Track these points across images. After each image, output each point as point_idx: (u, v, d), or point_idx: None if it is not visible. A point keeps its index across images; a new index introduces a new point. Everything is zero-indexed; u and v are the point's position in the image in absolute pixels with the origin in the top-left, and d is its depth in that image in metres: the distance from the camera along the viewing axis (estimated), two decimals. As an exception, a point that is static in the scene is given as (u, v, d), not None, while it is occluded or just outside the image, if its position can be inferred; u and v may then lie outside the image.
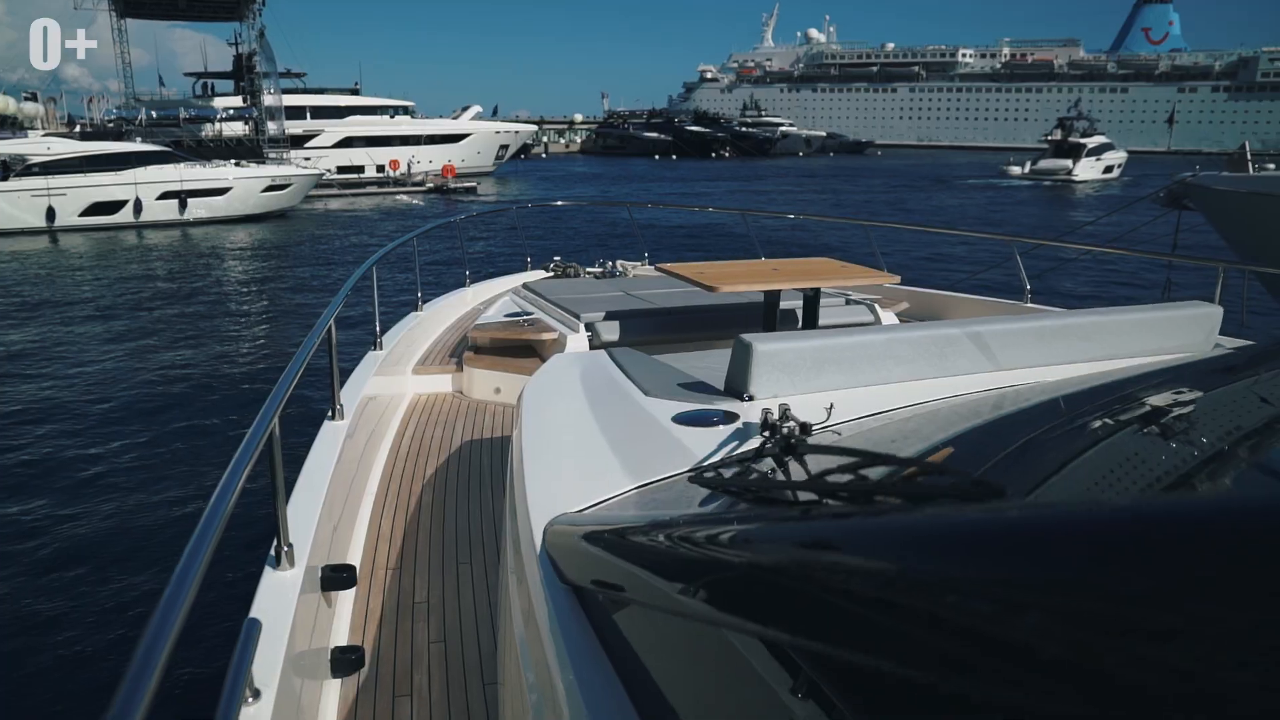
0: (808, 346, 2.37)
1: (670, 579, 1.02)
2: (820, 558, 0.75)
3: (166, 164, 31.63)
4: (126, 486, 8.22)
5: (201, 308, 17.27)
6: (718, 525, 1.03)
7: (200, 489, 7.87)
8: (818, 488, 1.10)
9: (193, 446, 9.37)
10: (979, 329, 2.53)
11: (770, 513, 1.19)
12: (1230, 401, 1.96)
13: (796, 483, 1.22)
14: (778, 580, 0.79)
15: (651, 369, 2.80)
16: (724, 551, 0.91)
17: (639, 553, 1.11)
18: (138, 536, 7.06)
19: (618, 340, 4.82)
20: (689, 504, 1.51)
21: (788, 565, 0.79)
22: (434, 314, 6.17)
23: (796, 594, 0.75)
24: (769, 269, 4.78)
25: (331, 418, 3.40)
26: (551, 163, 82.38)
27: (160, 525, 7.26)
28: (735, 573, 0.88)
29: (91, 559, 6.64)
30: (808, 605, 0.72)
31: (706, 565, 0.94)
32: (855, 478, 1.11)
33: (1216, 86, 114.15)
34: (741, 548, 0.90)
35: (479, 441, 4.25)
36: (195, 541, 1.51)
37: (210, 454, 9.03)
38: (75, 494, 8.03)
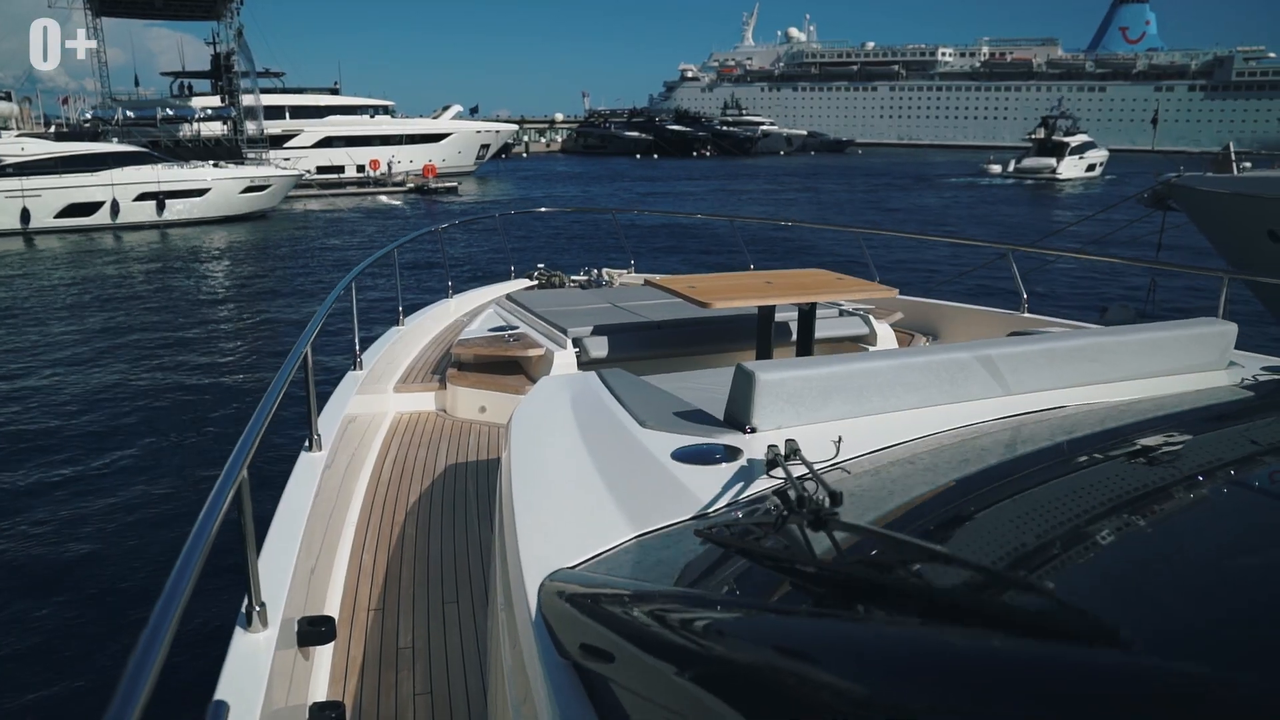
0: (813, 375, 2.26)
1: (681, 666, 0.93)
2: (872, 675, 0.71)
3: (144, 165, 31.22)
4: (93, 511, 7.76)
5: (180, 312, 17.01)
6: (737, 609, 0.92)
7: (168, 513, 7.57)
8: (858, 582, 0.99)
9: (169, 463, 9.08)
10: (989, 352, 2.44)
11: (796, 600, 1.09)
12: (1256, 440, 1.89)
13: (830, 569, 1.11)
14: (812, 688, 0.75)
15: (646, 395, 2.69)
16: (743, 644, 0.82)
17: (646, 634, 1.02)
18: (103, 572, 6.62)
19: (606, 357, 4.68)
20: (697, 563, 1.42)
21: (828, 676, 0.74)
22: (416, 327, 5.96)
23: (835, 703, 0.70)
24: (762, 282, 4.65)
25: (309, 448, 3.21)
26: (533, 162, 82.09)
27: (126, 558, 6.81)
28: (756, 669, 0.82)
29: (43, 602, 6.13)
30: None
31: (726, 662, 0.84)
32: (900, 576, 0.98)
33: (1193, 86, 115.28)
34: (766, 641, 0.82)
35: (463, 465, 4.08)
36: (160, 608, 1.39)
37: (187, 470, 8.75)
38: (31, 518, 7.59)
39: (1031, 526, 1.47)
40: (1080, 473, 1.79)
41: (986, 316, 5.54)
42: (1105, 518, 1.49)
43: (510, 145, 69.53)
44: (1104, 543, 1.30)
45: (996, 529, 1.46)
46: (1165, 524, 1.38)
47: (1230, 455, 1.81)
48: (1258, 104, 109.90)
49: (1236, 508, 1.43)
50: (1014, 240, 20.15)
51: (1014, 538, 1.40)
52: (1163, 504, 1.44)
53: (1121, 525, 1.41)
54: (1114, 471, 1.81)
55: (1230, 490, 1.51)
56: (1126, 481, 1.71)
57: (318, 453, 3.16)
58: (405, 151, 51.34)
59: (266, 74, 46.81)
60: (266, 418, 2.34)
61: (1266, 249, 12.07)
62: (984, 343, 2.55)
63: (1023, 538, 1.39)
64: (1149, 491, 1.59)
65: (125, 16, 43.15)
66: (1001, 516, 1.53)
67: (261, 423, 2.30)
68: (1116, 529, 1.38)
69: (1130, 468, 1.74)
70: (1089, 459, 1.97)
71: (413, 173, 49.03)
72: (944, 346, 2.50)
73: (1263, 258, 12.42)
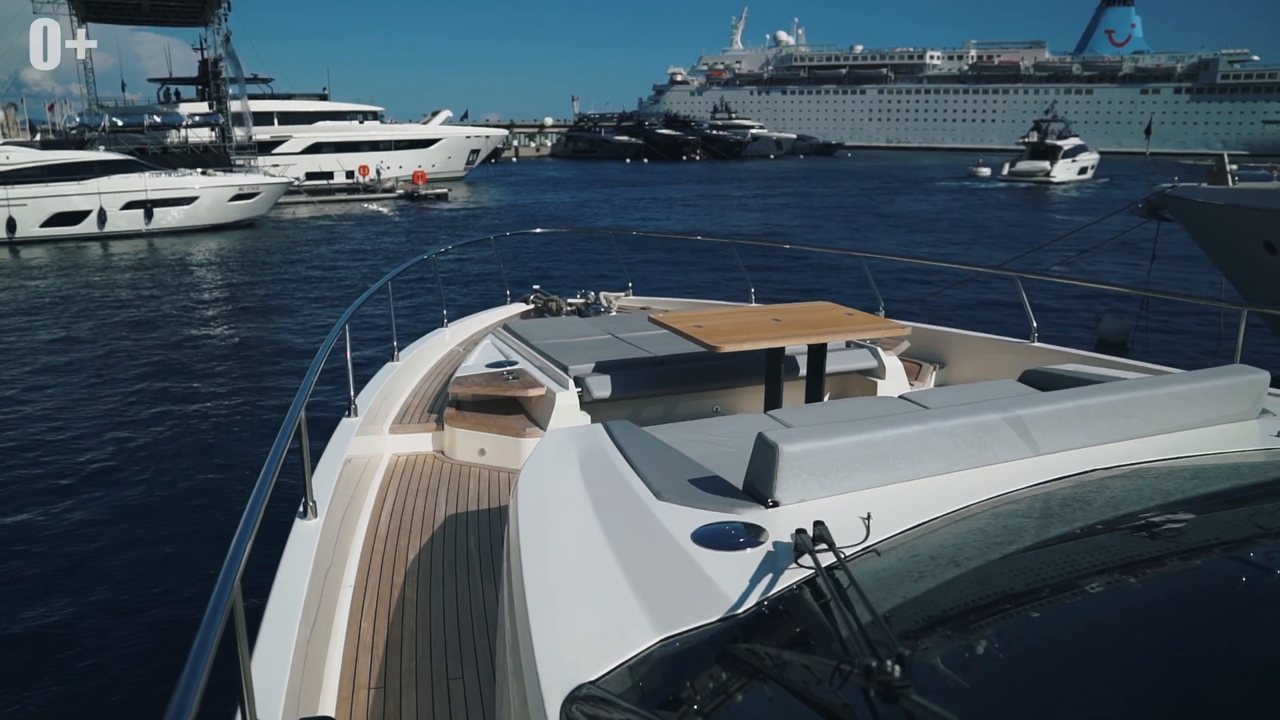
0: (838, 445, 2.18)
1: None
2: None
3: (131, 173, 30.96)
4: (70, 573, 7.29)
5: (169, 327, 16.82)
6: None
7: (152, 563, 7.29)
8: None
9: (153, 501, 8.76)
10: (1019, 413, 2.38)
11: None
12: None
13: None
14: None
15: (659, 458, 2.59)
16: None
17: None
18: (73, 643, 6.22)
19: (609, 396, 4.56)
20: (729, 678, 1.37)
21: None
22: (411, 361, 5.76)
23: None
24: (769, 320, 4.52)
25: (303, 514, 3.04)
26: (522, 166, 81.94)
27: (109, 633, 6.37)
28: None
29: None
30: None
31: None
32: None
33: (1178, 88, 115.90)
34: None
35: (464, 515, 3.91)
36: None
37: (172, 511, 8.49)
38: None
39: (1084, 628, 1.42)
40: (1130, 569, 1.72)
41: (996, 346, 5.44)
42: (1165, 617, 1.44)
43: (500, 150, 69.35)
44: (1173, 655, 1.26)
45: (1048, 631, 1.41)
46: (1230, 618, 1.34)
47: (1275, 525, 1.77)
48: (1242, 106, 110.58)
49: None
50: (1022, 249, 20.11)
51: (1069, 645, 1.35)
52: (1221, 596, 1.42)
53: (1184, 625, 1.36)
54: (1161, 554, 1.76)
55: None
56: (1178, 573, 1.66)
57: (313, 520, 2.99)
58: (395, 157, 51.13)
59: (255, 80, 46.55)
60: (257, 519, 2.20)
61: (1263, 260, 12.08)
62: (1012, 399, 2.49)
63: (1079, 646, 1.34)
64: (1203, 581, 1.55)
65: (111, 22, 42.88)
66: (1052, 617, 1.49)
67: (253, 525, 2.16)
68: (1181, 631, 1.33)
69: (1177, 551, 1.69)
70: (1131, 543, 1.90)
71: (402, 179, 48.83)
72: (972, 407, 2.41)
73: (1259, 269, 12.44)
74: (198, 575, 6.88)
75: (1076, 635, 1.40)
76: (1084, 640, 1.37)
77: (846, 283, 18.04)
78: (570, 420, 4.45)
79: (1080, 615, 1.50)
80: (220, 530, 7.57)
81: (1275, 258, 11.89)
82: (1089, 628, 1.43)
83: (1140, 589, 1.61)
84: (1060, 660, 1.34)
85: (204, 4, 39.95)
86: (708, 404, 5.10)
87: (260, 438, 10.27)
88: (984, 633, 1.46)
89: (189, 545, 7.69)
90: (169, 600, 6.73)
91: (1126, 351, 13.72)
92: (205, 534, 7.79)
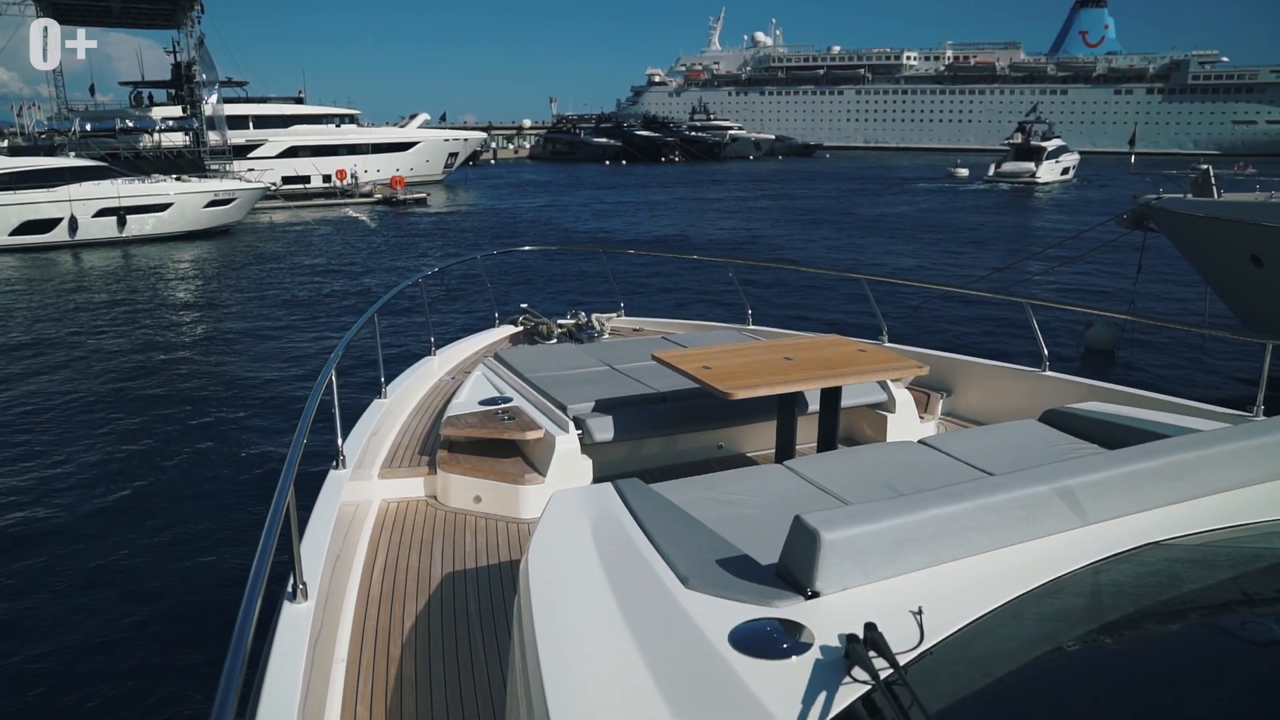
0: (884, 529, 2.05)
1: None
2: None
3: (103, 179, 30.40)
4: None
5: (144, 341, 16.45)
6: None
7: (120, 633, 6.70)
8: None
9: (125, 540, 8.19)
10: (1069, 482, 2.27)
11: None
12: None
13: None
14: None
15: (678, 529, 2.45)
16: None
17: None
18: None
19: (612, 439, 4.38)
20: None
21: None
22: (400, 396, 5.49)
23: None
24: (779, 358, 4.32)
25: (293, 598, 2.75)
26: (501, 169, 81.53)
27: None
28: None
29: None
30: None
31: None
32: None
33: (1151, 89, 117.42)
34: None
35: (461, 574, 3.68)
36: None
37: (143, 551, 7.92)
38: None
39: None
40: (1212, 668, 1.63)
41: (1005, 375, 5.30)
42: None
43: (478, 152, 68.96)
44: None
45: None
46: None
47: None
48: (1212, 106, 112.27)
49: None
50: (1017, 256, 20.03)
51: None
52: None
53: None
54: (1247, 643, 1.67)
55: None
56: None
57: (303, 604, 2.73)
58: (372, 161, 50.71)
59: (229, 83, 45.97)
60: (253, 621, 2.02)
61: (1249, 273, 12.11)
62: (1062, 466, 2.37)
63: None
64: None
65: (80, 24, 42.00)
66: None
67: (249, 623, 1.99)
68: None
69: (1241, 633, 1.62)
70: (1210, 635, 1.81)
71: (380, 183, 48.41)
72: (1020, 478, 2.28)
73: (1244, 281, 12.47)
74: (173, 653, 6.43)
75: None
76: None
77: (844, 298, 17.94)
78: (571, 465, 4.27)
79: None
80: (194, 601, 7.08)
81: (1261, 270, 11.92)
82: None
83: (1227, 686, 1.52)
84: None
85: (176, 6, 39.34)
86: (711, 440, 4.95)
87: (238, 480, 9.53)
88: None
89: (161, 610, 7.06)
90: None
91: (1115, 359, 13.73)
92: (178, 605, 7.10)
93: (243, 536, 7.93)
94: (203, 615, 6.84)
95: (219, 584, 7.30)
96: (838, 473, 3.06)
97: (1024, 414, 5.06)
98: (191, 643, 6.55)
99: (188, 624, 6.84)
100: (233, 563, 7.59)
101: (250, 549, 2.32)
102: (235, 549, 7.83)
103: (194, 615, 6.93)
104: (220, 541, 8.13)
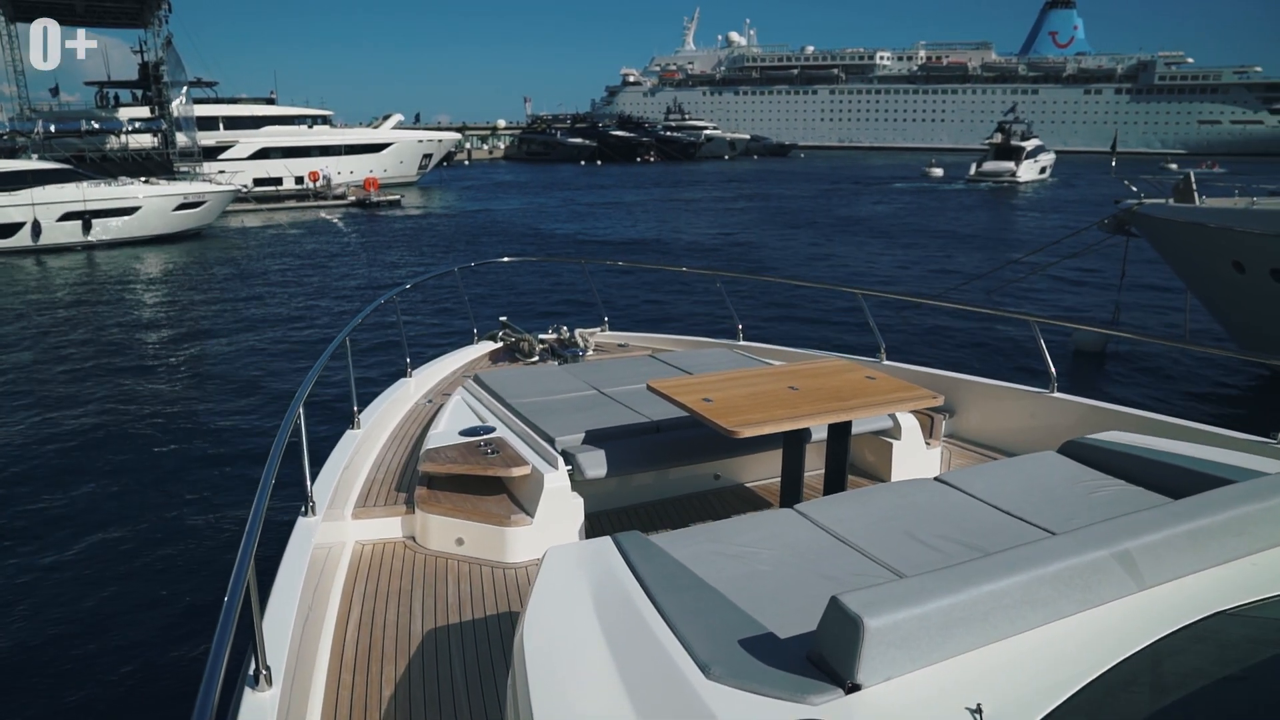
0: (932, 611, 1.86)
1: None
2: None
3: (68, 182, 29.67)
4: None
5: (113, 351, 15.99)
6: None
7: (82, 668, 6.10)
8: None
9: (91, 571, 7.55)
10: (1127, 545, 2.13)
11: None
12: None
13: None
14: None
15: (690, 598, 2.25)
16: None
17: None
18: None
19: (605, 475, 4.10)
20: None
21: None
22: (375, 424, 5.10)
23: None
24: (784, 388, 4.08)
25: (255, 685, 2.41)
26: (475, 170, 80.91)
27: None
28: None
29: None
30: None
31: None
32: None
33: (1119, 89, 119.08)
34: None
35: (444, 630, 3.37)
36: None
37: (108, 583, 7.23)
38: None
39: None
40: None
41: (1010, 395, 5.12)
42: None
43: (452, 153, 68.32)
44: None
45: None
46: None
47: None
48: (1179, 106, 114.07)
49: None
50: (1016, 254, 19.86)
51: None
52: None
53: None
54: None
55: None
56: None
57: (265, 691, 2.39)
58: (345, 162, 50.10)
59: (198, 83, 45.08)
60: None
61: (1231, 279, 12.11)
62: (1118, 526, 2.22)
63: None
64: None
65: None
66: None
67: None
68: None
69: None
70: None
71: (353, 184, 47.81)
72: (1073, 541, 2.13)
73: (1226, 287, 12.47)
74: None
75: None
76: None
77: (834, 310, 17.69)
78: (560, 504, 3.99)
79: None
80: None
81: (1243, 276, 11.92)
82: None
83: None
84: None
85: (142, 5, 38.51)
86: (708, 471, 4.74)
87: (199, 535, 8.27)
88: None
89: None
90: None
91: (1104, 361, 13.70)
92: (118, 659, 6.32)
93: (201, 609, 6.94)
94: (157, 706, 5.91)
95: (173, 668, 6.27)
96: (853, 519, 2.88)
97: (1032, 436, 4.89)
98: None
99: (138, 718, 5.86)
100: (190, 641, 6.55)
101: (209, 623, 2.07)
102: (193, 624, 6.76)
103: (146, 706, 5.92)
104: (175, 616, 6.93)
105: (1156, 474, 3.11)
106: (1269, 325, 11.89)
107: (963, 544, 2.69)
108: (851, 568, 2.54)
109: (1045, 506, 2.96)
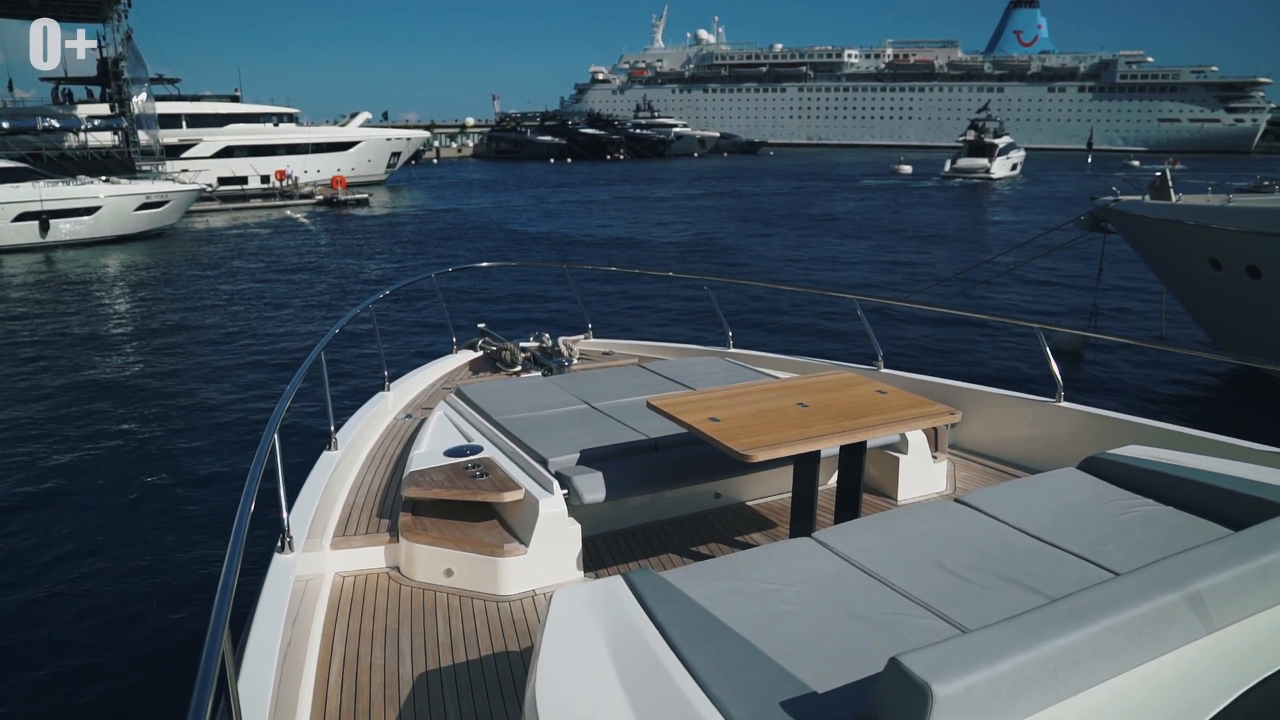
0: (1004, 672, 1.70)
1: None
2: None
3: (23, 181, 28.89)
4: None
5: (72, 356, 15.50)
6: None
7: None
8: None
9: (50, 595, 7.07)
10: (1198, 586, 2.01)
11: None
12: None
13: None
14: None
15: (720, 651, 2.08)
16: None
17: None
18: None
19: (603, 498, 3.85)
20: None
21: None
22: (353, 444, 4.79)
23: None
24: (793, 404, 3.86)
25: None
26: (444, 168, 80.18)
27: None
28: None
29: None
30: None
31: None
32: None
33: (1082, 87, 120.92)
34: None
35: (435, 674, 3.08)
36: None
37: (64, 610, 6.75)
38: None
39: None
40: None
41: (1014, 404, 4.96)
42: None
43: (421, 151, 67.54)
44: None
45: None
46: None
47: None
48: (1139, 104, 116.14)
49: None
50: (994, 251, 19.79)
51: None
52: None
53: None
54: None
55: None
56: None
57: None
58: (312, 161, 49.38)
59: (160, 80, 44.22)
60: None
61: (1207, 276, 12.16)
62: (1186, 564, 2.09)
63: None
64: None
65: (-4, 16, 40.11)
66: None
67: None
68: None
69: None
70: None
71: (320, 183, 47.14)
72: (1139, 583, 2.01)
73: (1202, 284, 12.53)
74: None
75: None
76: None
77: (822, 315, 17.44)
78: (557, 531, 3.73)
79: None
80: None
81: (1220, 273, 11.97)
82: None
83: None
84: None
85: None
86: (708, 490, 4.53)
87: (167, 583, 7.36)
88: None
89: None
90: None
91: (1082, 361, 13.70)
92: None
93: (171, 669, 6.20)
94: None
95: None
96: (875, 548, 2.70)
97: (1040, 447, 4.75)
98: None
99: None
100: (160, 704, 5.87)
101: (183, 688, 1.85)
102: (165, 687, 6.00)
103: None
104: (145, 680, 6.13)
105: (1187, 493, 2.98)
106: (1244, 322, 11.96)
107: (995, 574, 2.54)
108: (883, 605, 2.37)
109: (1075, 530, 2.81)
